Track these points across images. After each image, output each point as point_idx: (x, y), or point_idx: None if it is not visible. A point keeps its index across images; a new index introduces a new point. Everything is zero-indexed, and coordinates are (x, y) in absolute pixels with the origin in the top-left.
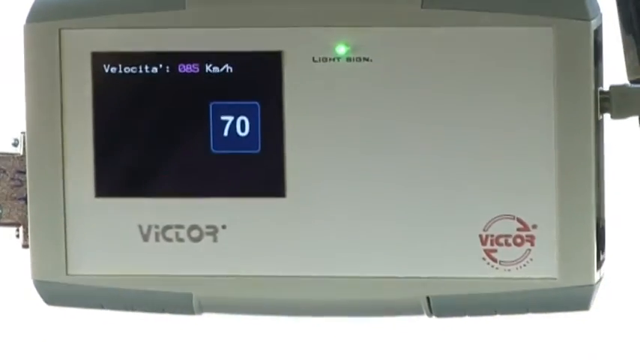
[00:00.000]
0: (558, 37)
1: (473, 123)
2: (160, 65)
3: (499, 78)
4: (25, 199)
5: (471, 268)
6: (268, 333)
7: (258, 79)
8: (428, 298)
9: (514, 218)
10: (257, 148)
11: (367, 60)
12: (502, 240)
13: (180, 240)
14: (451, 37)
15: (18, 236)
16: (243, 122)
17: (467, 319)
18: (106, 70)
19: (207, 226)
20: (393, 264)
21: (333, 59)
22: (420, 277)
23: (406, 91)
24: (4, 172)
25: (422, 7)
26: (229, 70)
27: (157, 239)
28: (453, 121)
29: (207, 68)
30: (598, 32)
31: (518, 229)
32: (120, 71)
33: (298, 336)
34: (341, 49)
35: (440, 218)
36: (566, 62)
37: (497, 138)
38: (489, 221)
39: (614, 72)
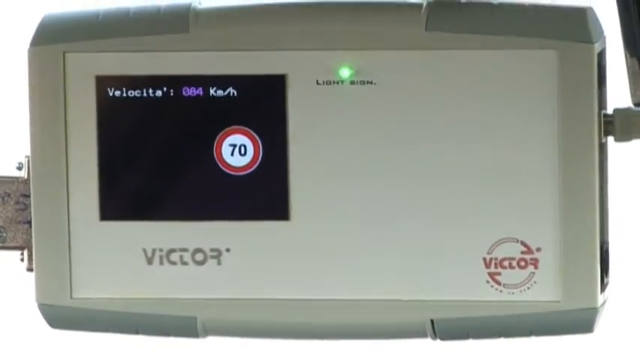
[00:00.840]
0: (562, 60)
1: (477, 146)
2: (164, 89)
3: (503, 101)
4: (30, 222)
5: (475, 291)
6: (271, 355)
7: (262, 102)
8: (432, 321)
9: (518, 241)
10: (261, 171)
11: (371, 83)
12: (506, 263)
13: (185, 263)
14: (455, 60)
15: (22, 260)
16: (247, 145)
17: (471, 342)
18: (110, 94)
19: (212, 250)
20: (397, 287)
21: (337, 82)
22: (425, 300)
23: (410, 114)
24: (9, 195)
25: (426, 30)
26: (233, 93)
27: (161, 262)
28: (457, 144)
29: (212, 92)
30: (602, 55)
31: (522, 252)
32: (124, 95)
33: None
34: (345, 73)
35: (444, 241)
36: (570, 85)
37: (501, 161)
38: (493, 244)
39: (618, 95)
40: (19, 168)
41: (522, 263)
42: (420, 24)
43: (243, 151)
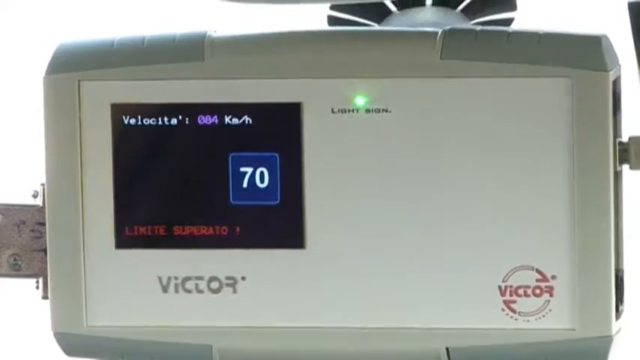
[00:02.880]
0: (577, 88)
1: (491, 174)
2: (180, 117)
3: (518, 129)
4: (45, 250)
5: (490, 319)
6: None
7: (277, 130)
8: (447, 350)
9: (533, 269)
10: (276, 200)
11: (386, 111)
12: (521, 291)
13: (200, 291)
14: (470, 88)
15: (38, 287)
16: (262, 173)
17: None
18: (126, 122)
19: (227, 278)
20: (412, 315)
21: (352, 110)
22: (440, 328)
23: (425, 142)
24: (24, 223)
25: (441, 59)
26: (248, 121)
27: (176, 291)
28: (472, 172)
29: (227, 120)
30: (617, 83)
31: (538, 280)
32: (139, 123)
33: None
34: (360, 101)
35: (459, 269)
36: (585, 113)
37: (516, 188)
38: (508, 272)
39: (633, 122)
40: (35, 196)
41: (537, 291)
42: (435, 52)
43: (258, 179)
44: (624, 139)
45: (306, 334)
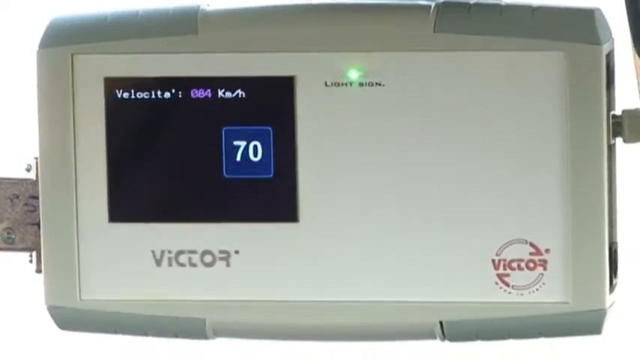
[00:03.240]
0: (570, 61)
1: (485, 147)
2: (173, 90)
3: (511, 102)
4: (39, 224)
5: (483, 293)
6: (280, 356)
7: (270, 104)
8: (441, 323)
9: (527, 242)
10: (270, 173)
11: (379, 85)
12: (515, 264)
13: (193, 265)
14: (463, 62)
15: (31, 261)
16: (255, 147)
17: (480, 344)
18: (119, 96)
19: (220, 251)
20: (406, 289)
21: (346, 84)
22: (433, 302)
23: (418, 116)
24: (18, 197)
25: (434, 32)
26: (242, 95)
27: (169, 264)
28: (465, 145)
29: (220, 93)
30: (610, 56)
31: (531, 254)
32: (132, 96)
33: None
34: (353, 74)
35: (452, 243)
36: (578, 87)
37: (509, 162)
38: (502, 246)
39: (627, 95)
40: (28, 170)
41: (531, 265)
42: (429, 25)
43: (251, 153)
44: (618, 112)
45: (299, 307)
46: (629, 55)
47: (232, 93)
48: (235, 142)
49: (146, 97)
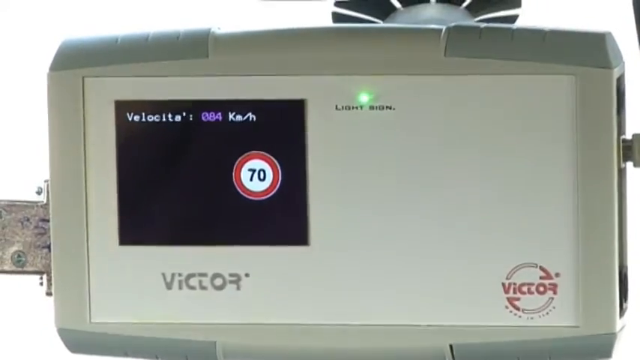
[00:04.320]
0: (581, 85)
1: (496, 171)
2: (183, 113)
3: (521, 126)
4: (49, 247)
5: (494, 316)
6: None
7: (281, 127)
8: (451, 346)
9: (537, 266)
10: (280, 197)
11: (390, 108)
12: (525, 288)
13: (204, 288)
14: (474, 85)
15: (41, 284)
16: (266, 170)
17: None
18: (130, 118)
19: (231, 274)
20: (416, 312)
21: (356, 107)
22: (444, 325)
23: (429, 139)
24: (28, 220)
25: (445, 56)
26: (252, 118)
27: (180, 287)
28: (476, 169)
29: (231, 116)
30: (621, 80)
31: (541, 278)
32: (143, 119)
33: None
34: (364, 98)
35: (463, 266)
36: (589, 110)
37: (520, 186)
38: (512, 269)
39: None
40: (39, 192)
41: (541, 288)
42: (439, 49)
43: (262, 176)
44: (628, 136)
45: (309, 331)
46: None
47: (243, 116)
48: (246, 166)
49: (157, 120)
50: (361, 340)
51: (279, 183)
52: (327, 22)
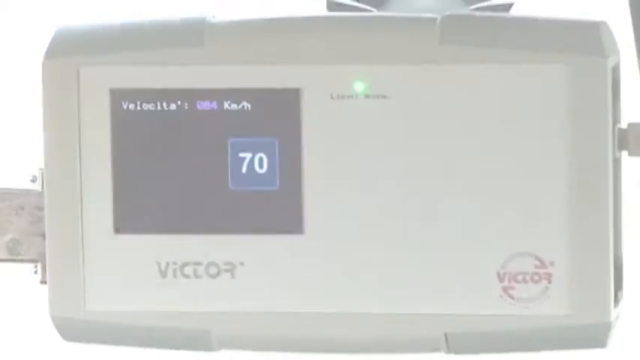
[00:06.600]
0: (575, 74)
1: (490, 160)
2: (179, 102)
3: (516, 115)
4: (44, 235)
5: (488, 306)
6: None
7: (276, 116)
8: (446, 335)
9: (532, 255)
10: (275, 185)
11: (385, 97)
12: (520, 277)
13: (198, 276)
14: (469, 74)
15: (36, 272)
16: (261, 159)
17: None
18: (125, 107)
19: (225, 263)
20: (411, 301)
21: (351, 96)
22: (438, 314)
23: (424, 128)
24: (23, 208)
25: (439, 44)
26: (247, 107)
27: (174, 276)
28: (470, 158)
29: (226, 105)
30: (616, 70)
31: (536, 267)
32: (138, 108)
33: None
34: (359, 87)
35: (458, 255)
36: (584, 100)
37: (514, 175)
38: (507, 258)
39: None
40: (33, 180)
41: (536, 277)
42: (434, 38)
43: (257, 165)
44: (623, 125)
45: (304, 319)
46: (635, 67)
47: (238, 105)
48: (241, 154)
49: (152, 108)
50: (355, 328)
51: (273, 172)
52: (322, 10)
